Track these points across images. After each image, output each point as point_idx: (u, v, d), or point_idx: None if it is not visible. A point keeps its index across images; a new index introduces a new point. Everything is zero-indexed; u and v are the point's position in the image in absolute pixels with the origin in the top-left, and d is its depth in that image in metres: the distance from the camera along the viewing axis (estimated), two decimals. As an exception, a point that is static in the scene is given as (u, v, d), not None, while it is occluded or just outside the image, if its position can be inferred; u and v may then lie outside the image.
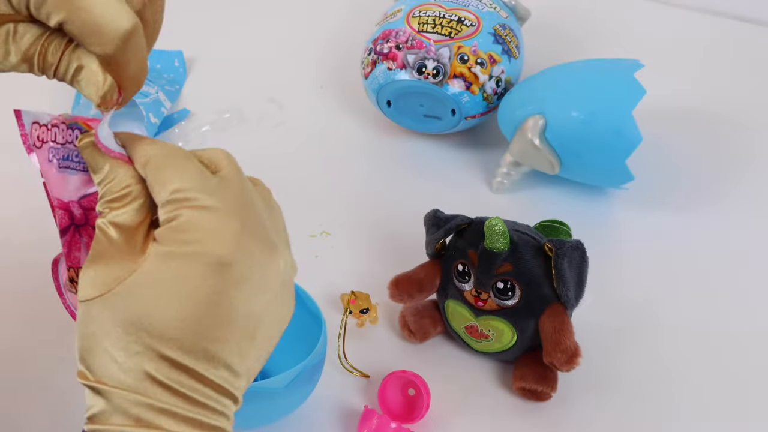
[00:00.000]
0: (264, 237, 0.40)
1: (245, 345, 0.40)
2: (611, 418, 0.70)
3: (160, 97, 0.96)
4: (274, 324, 0.41)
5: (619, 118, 0.80)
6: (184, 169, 0.40)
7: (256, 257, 0.39)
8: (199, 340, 0.38)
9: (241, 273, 0.38)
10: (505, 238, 0.67)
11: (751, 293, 0.80)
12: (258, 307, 0.40)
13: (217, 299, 0.38)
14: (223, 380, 0.39)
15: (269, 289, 0.40)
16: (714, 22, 1.14)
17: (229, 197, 0.40)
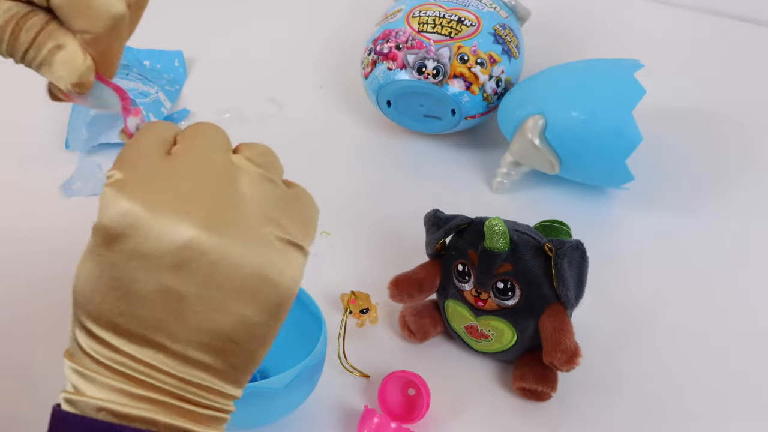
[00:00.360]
0: (182, 209, 0.37)
1: (169, 323, 0.37)
2: (611, 418, 0.70)
3: (160, 97, 0.96)
4: (220, 311, 0.38)
5: (619, 118, 0.80)
6: (132, 149, 0.39)
7: (155, 228, 0.36)
8: (108, 313, 0.37)
9: (129, 245, 0.37)
10: (505, 238, 0.67)
11: (751, 293, 0.80)
12: (174, 285, 0.37)
13: (109, 272, 0.37)
14: (149, 357, 0.38)
15: (182, 266, 0.37)
16: (714, 22, 1.14)
17: (150, 171, 0.38)
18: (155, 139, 0.40)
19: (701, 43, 1.11)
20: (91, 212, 0.44)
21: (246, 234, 0.38)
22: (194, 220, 0.37)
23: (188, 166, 0.39)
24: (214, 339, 0.38)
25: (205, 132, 0.41)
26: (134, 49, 1.06)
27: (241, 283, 0.38)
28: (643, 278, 0.81)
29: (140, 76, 0.98)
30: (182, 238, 0.37)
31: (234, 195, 0.39)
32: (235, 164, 0.40)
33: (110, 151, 0.93)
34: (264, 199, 0.40)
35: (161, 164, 0.39)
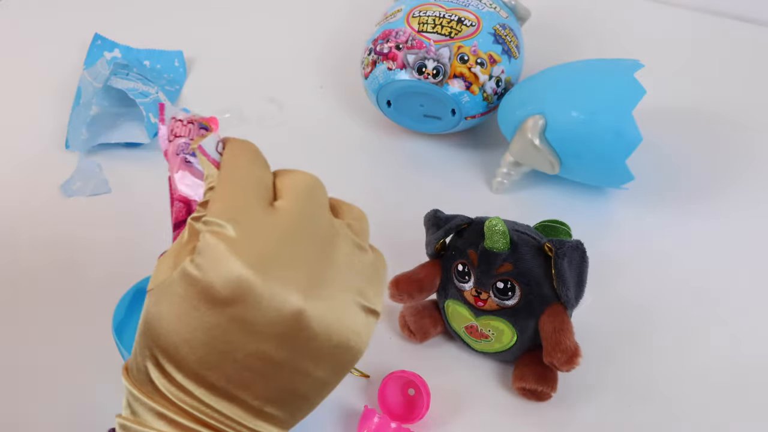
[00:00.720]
0: (290, 279, 0.37)
1: (256, 384, 0.38)
2: (611, 418, 0.70)
3: (160, 97, 0.96)
4: (302, 375, 0.39)
5: (619, 118, 0.80)
6: (236, 194, 0.39)
7: (265, 299, 0.36)
8: (193, 364, 0.37)
9: (239, 311, 0.37)
10: (505, 238, 0.67)
11: (751, 293, 0.80)
12: (271, 352, 0.37)
13: (209, 330, 0.37)
14: (226, 410, 0.38)
15: (286, 336, 0.37)
16: (714, 22, 1.14)
17: (261, 230, 0.38)
18: (257, 185, 0.40)
19: (701, 43, 1.11)
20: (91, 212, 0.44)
21: (341, 306, 0.39)
22: (302, 292, 0.37)
23: (295, 228, 0.39)
24: (290, 397, 0.39)
25: (310, 186, 0.41)
26: (134, 49, 1.06)
27: (328, 352, 0.39)
28: (643, 278, 0.81)
29: (140, 76, 0.98)
30: (291, 311, 0.37)
31: (334, 264, 0.39)
32: (336, 229, 0.41)
33: (110, 151, 0.93)
34: (356, 268, 0.40)
35: (268, 221, 0.38)
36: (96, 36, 1.06)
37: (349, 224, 0.42)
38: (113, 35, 1.07)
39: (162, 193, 0.90)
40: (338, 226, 0.41)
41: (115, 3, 1.16)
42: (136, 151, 0.94)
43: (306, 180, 0.41)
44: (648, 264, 0.82)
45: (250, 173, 0.40)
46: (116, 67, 0.96)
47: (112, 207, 0.87)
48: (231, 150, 0.42)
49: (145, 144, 0.93)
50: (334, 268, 0.39)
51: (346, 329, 0.39)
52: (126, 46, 1.06)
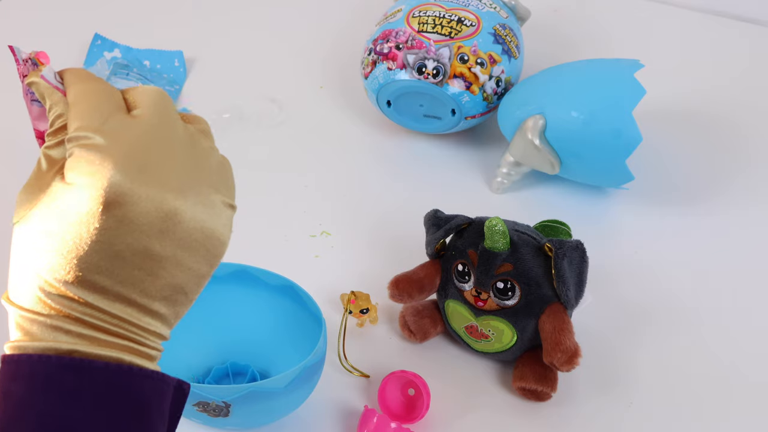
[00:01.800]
0: (162, 178, 0.40)
1: (144, 281, 0.41)
2: (611, 418, 0.70)
3: (160, 97, 0.96)
4: (183, 268, 0.42)
5: (619, 118, 0.80)
6: (93, 108, 0.41)
7: (144, 198, 0.39)
8: (84, 273, 0.40)
9: (122, 213, 0.39)
10: (505, 238, 0.67)
11: (750, 293, 0.80)
12: (156, 248, 0.40)
13: (97, 237, 0.39)
14: (119, 311, 0.41)
15: (166, 231, 0.40)
16: (714, 22, 1.14)
17: (127, 136, 0.40)
18: (109, 97, 0.42)
19: (701, 43, 1.11)
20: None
21: (209, 202, 0.43)
22: (175, 190, 0.41)
23: (158, 133, 0.41)
24: (173, 292, 0.42)
25: (160, 96, 0.43)
26: (134, 49, 1.06)
27: (202, 244, 0.42)
28: (643, 278, 0.81)
29: (140, 76, 0.98)
30: (167, 208, 0.40)
31: (197, 164, 0.43)
32: (190, 132, 0.44)
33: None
34: (212, 167, 0.44)
35: (131, 127, 0.41)
36: (96, 36, 1.06)
37: (201, 128, 0.45)
38: (113, 35, 1.07)
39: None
40: (192, 130, 0.44)
41: (115, 3, 1.16)
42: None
43: (155, 90, 0.43)
44: (648, 264, 0.82)
45: (99, 87, 0.43)
46: (116, 67, 0.96)
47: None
48: (72, 74, 0.44)
49: (145, 144, 0.93)
50: (198, 168, 0.43)
51: (215, 222, 0.43)
52: (126, 46, 1.06)
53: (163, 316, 0.42)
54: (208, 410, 0.62)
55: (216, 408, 0.62)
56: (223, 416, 0.63)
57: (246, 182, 0.91)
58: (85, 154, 0.39)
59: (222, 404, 0.62)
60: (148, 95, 0.43)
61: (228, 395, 0.61)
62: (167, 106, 0.43)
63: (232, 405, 0.62)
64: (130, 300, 0.41)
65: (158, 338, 0.43)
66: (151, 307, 0.42)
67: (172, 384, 0.43)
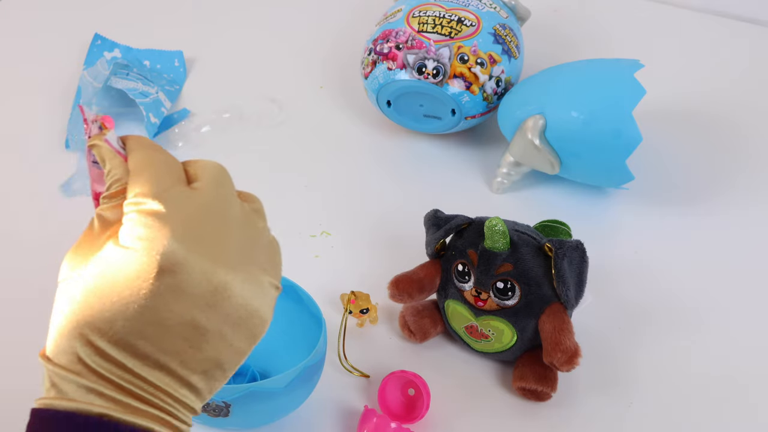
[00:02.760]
0: (216, 252, 0.40)
1: (186, 352, 0.40)
2: (611, 418, 0.70)
3: (160, 97, 0.96)
4: (225, 343, 0.41)
5: (619, 118, 0.80)
6: (155, 176, 0.41)
7: (197, 270, 0.39)
8: (128, 336, 0.39)
9: (174, 281, 0.39)
10: (505, 238, 0.67)
11: (750, 293, 0.80)
12: (202, 320, 0.40)
13: (145, 302, 0.39)
14: (157, 379, 0.40)
15: (214, 305, 0.40)
16: (714, 22, 1.14)
17: (187, 207, 0.40)
18: (171, 168, 0.42)
19: (701, 43, 1.11)
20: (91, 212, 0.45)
21: (256, 280, 0.43)
22: (227, 265, 0.41)
23: (216, 208, 0.42)
24: (212, 367, 0.42)
25: (220, 171, 0.44)
26: (134, 49, 1.06)
27: (245, 322, 0.42)
28: (643, 278, 0.81)
29: (140, 76, 0.98)
30: (218, 282, 0.40)
31: (249, 242, 0.43)
32: (245, 210, 0.44)
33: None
34: (263, 247, 0.44)
35: (190, 198, 0.41)
36: (96, 36, 1.06)
37: (255, 208, 0.46)
38: (113, 35, 1.07)
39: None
40: (247, 209, 0.45)
41: (115, 3, 1.16)
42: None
43: (216, 165, 0.44)
44: (648, 264, 0.82)
45: (161, 158, 0.43)
46: (116, 67, 0.96)
47: (112, 207, 0.87)
48: (135, 141, 0.44)
49: (145, 144, 0.93)
50: (250, 247, 0.43)
51: (260, 301, 0.43)
52: (126, 46, 1.06)
53: (198, 390, 0.42)
54: (208, 410, 0.62)
55: (216, 408, 0.62)
56: (223, 416, 0.63)
57: (246, 182, 0.92)
58: (144, 219, 0.39)
59: (222, 404, 0.62)
60: (210, 170, 0.43)
61: (228, 395, 0.61)
62: (227, 183, 0.44)
63: (232, 405, 0.62)
64: (169, 370, 0.40)
65: (190, 412, 0.42)
66: (189, 379, 0.41)
67: None
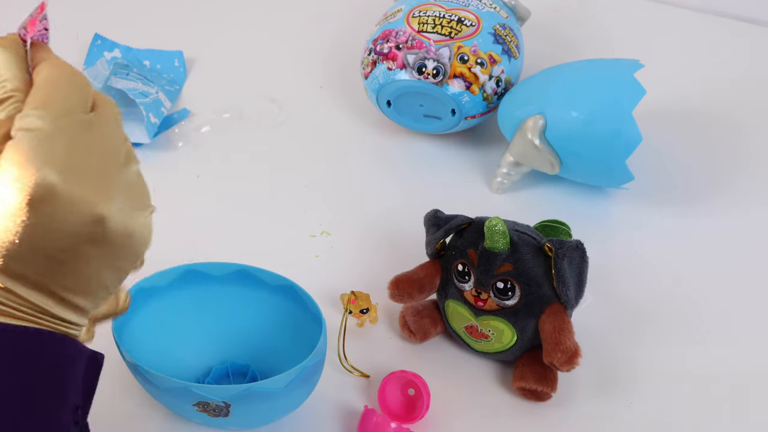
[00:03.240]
0: (95, 184, 0.41)
1: (66, 277, 0.42)
2: (611, 418, 0.70)
3: (160, 97, 0.96)
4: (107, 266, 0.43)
5: (619, 118, 0.80)
6: (57, 97, 0.41)
7: (75, 200, 0.40)
8: (6, 259, 0.40)
9: (50, 210, 0.40)
10: (505, 238, 0.67)
11: (751, 293, 0.80)
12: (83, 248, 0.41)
13: (23, 231, 0.40)
14: (38, 300, 0.42)
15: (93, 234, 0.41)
16: (714, 22, 1.14)
17: (77, 136, 0.41)
18: (78, 91, 0.43)
19: (701, 43, 1.11)
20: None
21: (138, 210, 0.44)
22: (105, 200, 0.41)
23: (102, 142, 0.42)
24: (95, 287, 0.43)
25: (112, 105, 0.45)
26: (134, 49, 1.06)
27: (127, 244, 0.44)
28: (643, 278, 0.81)
29: (140, 76, 0.98)
30: (96, 212, 0.41)
31: (125, 172, 0.44)
32: (126, 142, 0.45)
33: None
34: (134, 176, 0.45)
35: (84, 130, 0.42)
36: (96, 36, 1.06)
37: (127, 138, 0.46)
38: (113, 35, 1.07)
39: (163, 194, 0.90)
40: (127, 145, 0.45)
41: (115, 3, 1.16)
42: (136, 151, 0.93)
43: (112, 101, 0.45)
44: (648, 264, 0.82)
45: (70, 79, 0.43)
46: (116, 67, 0.96)
47: (112, 207, 0.87)
48: (48, 56, 0.46)
49: (145, 144, 0.93)
50: (125, 177, 0.44)
51: (139, 225, 0.44)
52: (126, 46, 1.06)
53: (81, 308, 0.44)
54: (208, 410, 0.62)
55: (216, 408, 0.62)
56: (223, 416, 0.63)
57: (246, 182, 0.92)
58: (26, 145, 0.39)
59: (222, 404, 0.62)
60: (110, 103, 0.44)
61: (228, 395, 0.61)
62: (116, 114, 0.44)
63: (232, 405, 0.62)
64: (50, 291, 0.42)
65: (75, 325, 0.44)
66: (71, 300, 0.43)
67: (86, 353, 0.45)
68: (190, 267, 0.71)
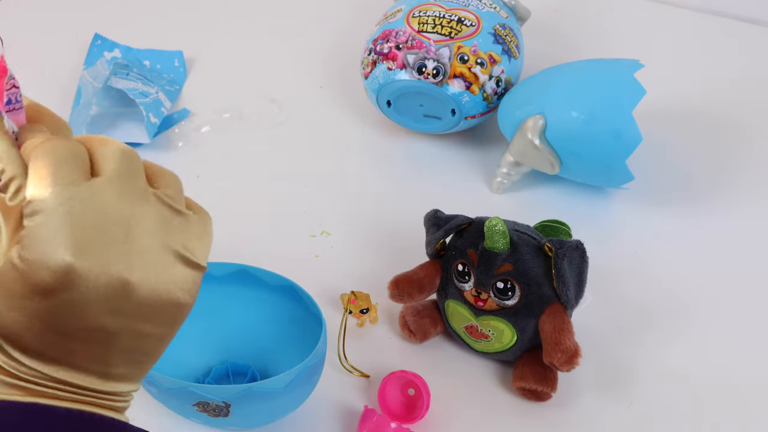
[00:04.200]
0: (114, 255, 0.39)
1: (100, 353, 0.40)
2: (611, 418, 0.70)
3: (160, 97, 0.96)
4: (141, 335, 0.41)
5: (619, 118, 0.80)
6: (53, 173, 0.39)
7: (92, 278, 0.38)
8: (35, 346, 0.39)
9: (71, 295, 0.38)
10: (505, 238, 0.67)
11: (751, 293, 0.80)
12: (109, 323, 0.39)
13: (47, 317, 0.38)
14: (78, 380, 0.40)
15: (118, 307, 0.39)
16: (714, 22, 1.14)
17: (84, 210, 0.39)
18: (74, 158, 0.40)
19: (701, 43, 1.11)
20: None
21: (161, 268, 0.41)
22: (124, 266, 0.39)
23: (115, 204, 0.40)
24: (134, 356, 0.41)
25: (127, 158, 0.41)
26: (134, 49, 1.06)
27: (159, 310, 0.41)
28: (643, 278, 0.81)
29: (140, 76, 0.98)
30: (118, 283, 0.39)
31: (148, 230, 0.40)
32: (149, 196, 0.41)
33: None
34: (173, 229, 0.42)
35: (90, 199, 0.39)
36: (96, 36, 1.06)
37: (165, 192, 0.42)
38: (113, 35, 1.07)
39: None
40: (152, 195, 0.42)
41: (115, 3, 1.16)
42: (136, 151, 0.94)
43: (121, 152, 0.41)
44: (648, 263, 0.82)
45: (62, 148, 0.40)
46: (116, 67, 0.96)
47: (112, 207, 0.87)
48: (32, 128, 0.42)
49: (145, 144, 0.93)
50: (149, 235, 0.40)
51: (171, 286, 0.41)
52: (126, 46, 1.06)
53: (127, 376, 0.41)
54: (208, 410, 0.62)
55: (216, 408, 0.62)
56: (223, 416, 0.63)
57: (246, 182, 0.92)
58: (35, 232, 0.38)
59: (222, 404, 0.62)
60: (114, 159, 0.40)
61: (228, 395, 0.61)
62: (133, 171, 0.41)
63: (232, 405, 0.62)
64: (84, 368, 0.40)
65: (126, 395, 0.42)
66: (110, 371, 0.41)
67: None
68: (190, 267, 0.71)
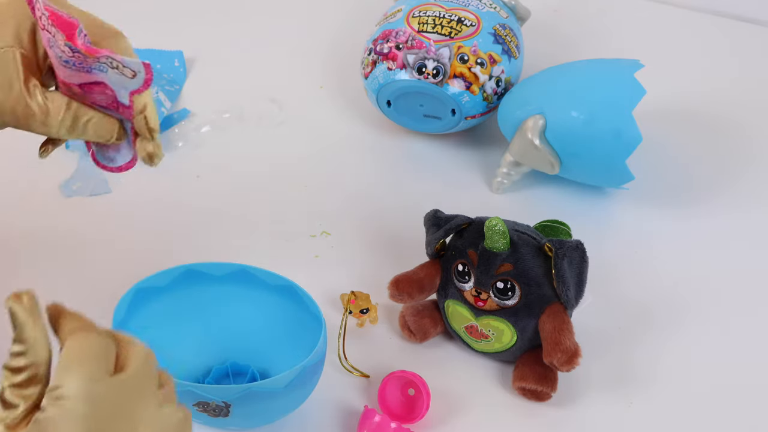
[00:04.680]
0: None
1: None
2: (611, 418, 0.70)
3: (160, 97, 0.96)
4: None
5: (619, 118, 0.80)
6: (86, 369, 0.41)
7: None
8: None
9: None
10: (505, 238, 0.67)
11: (751, 293, 0.80)
12: None
13: None
14: None
15: None
16: (714, 22, 1.14)
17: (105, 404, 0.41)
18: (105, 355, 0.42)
19: (701, 43, 1.11)
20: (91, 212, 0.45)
21: None
22: None
23: (129, 401, 0.42)
24: None
25: (145, 360, 0.44)
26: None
27: None
28: (643, 278, 0.81)
29: (140, 76, 0.98)
30: None
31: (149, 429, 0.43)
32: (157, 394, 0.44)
33: (110, 151, 0.93)
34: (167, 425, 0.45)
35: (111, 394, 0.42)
36: (96, 36, 1.06)
37: (167, 392, 0.46)
38: (113, 35, 1.07)
39: (163, 194, 0.91)
40: (160, 395, 0.45)
41: (115, 3, 1.16)
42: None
43: (143, 354, 0.44)
44: (648, 263, 0.82)
45: (95, 344, 0.43)
46: (116, 67, 0.96)
47: (112, 207, 0.87)
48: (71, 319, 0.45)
49: (145, 144, 0.93)
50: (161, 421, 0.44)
51: None
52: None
53: None
54: (208, 410, 0.62)
55: (216, 408, 0.62)
56: (223, 416, 0.63)
57: (246, 182, 0.92)
58: (54, 419, 0.40)
59: (222, 404, 0.62)
60: (137, 358, 0.43)
61: (228, 395, 0.61)
62: (148, 372, 0.44)
63: (232, 405, 0.62)
64: None
65: None
66: None
67: None
68: (190, 267, 0.71)
